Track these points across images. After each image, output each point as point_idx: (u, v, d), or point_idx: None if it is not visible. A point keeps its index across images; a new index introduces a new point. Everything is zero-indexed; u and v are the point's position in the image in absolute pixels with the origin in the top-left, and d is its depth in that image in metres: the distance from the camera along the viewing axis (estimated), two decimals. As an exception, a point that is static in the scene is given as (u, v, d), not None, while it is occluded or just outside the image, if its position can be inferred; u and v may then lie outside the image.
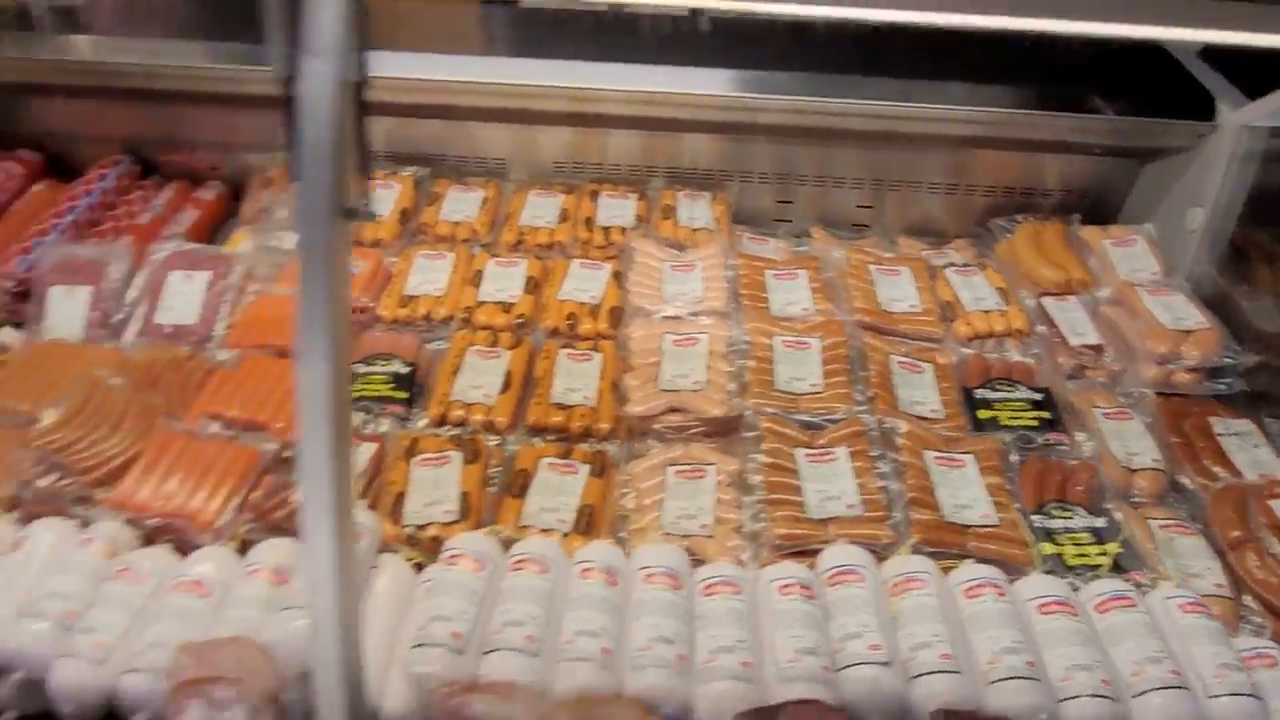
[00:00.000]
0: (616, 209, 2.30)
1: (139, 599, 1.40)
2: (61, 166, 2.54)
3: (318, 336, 1.01)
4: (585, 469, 1.64)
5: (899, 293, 2.03)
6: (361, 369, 1.88)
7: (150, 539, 1.54)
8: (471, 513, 1.55)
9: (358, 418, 1.76)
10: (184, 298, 2.02)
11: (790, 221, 2.51)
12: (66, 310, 2.03)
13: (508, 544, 1.46)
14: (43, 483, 1.60)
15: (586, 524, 1.55)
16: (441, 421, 1.75)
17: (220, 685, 1.24)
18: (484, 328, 1.96)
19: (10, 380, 1.84)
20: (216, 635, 1.33)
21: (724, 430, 1.76)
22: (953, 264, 2.15)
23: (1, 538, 1.50)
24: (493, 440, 1.72)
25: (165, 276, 2.06)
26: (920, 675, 1.25)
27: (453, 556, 1.36)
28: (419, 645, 1.24)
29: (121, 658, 1.33)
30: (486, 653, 1.25)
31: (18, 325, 2.08)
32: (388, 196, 2.28)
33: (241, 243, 2.25)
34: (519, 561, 1.37)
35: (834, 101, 2.34)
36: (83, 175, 2.48)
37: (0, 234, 2.28)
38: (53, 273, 2.07)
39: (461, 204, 2.29)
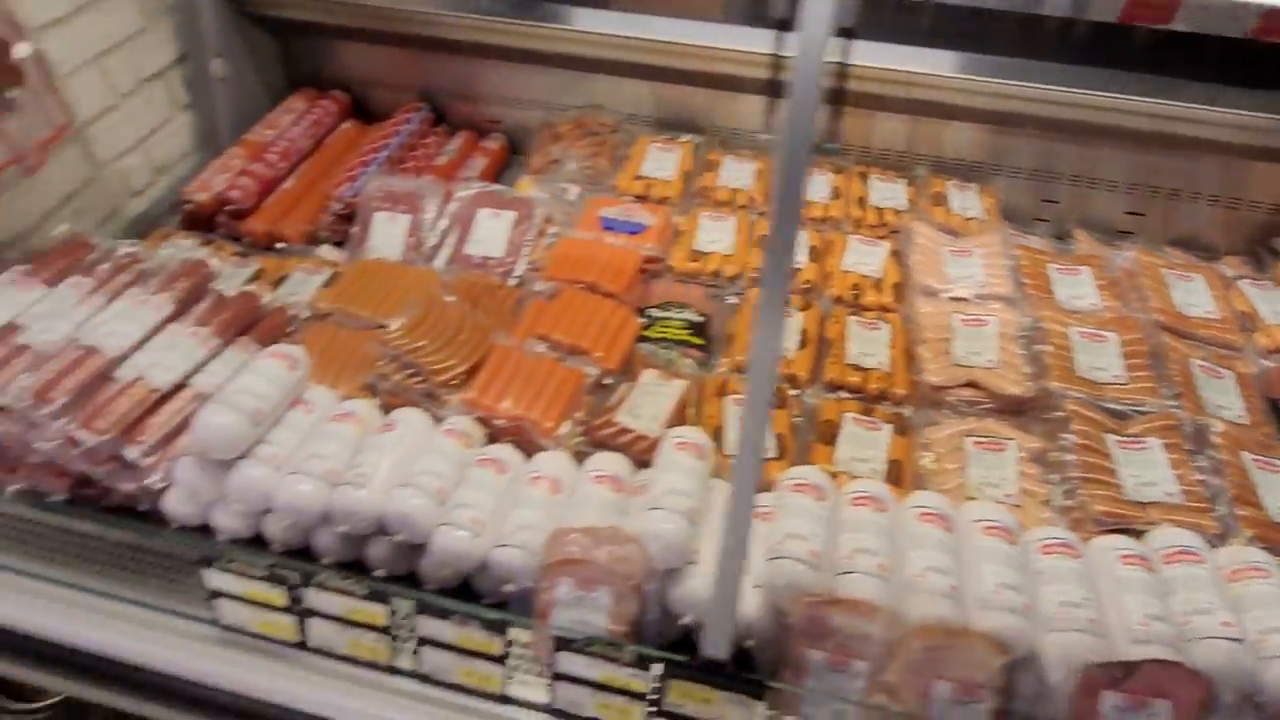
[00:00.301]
0: (887, 191, 2.36)
1: (501, 486, 1.56)
2: (355, 109, 2.80)
3: (783, 255, 1.12)
4: (888, 427, 1.71)
5: (1194, 299, 2.01)
6: (658, 313, 2.01)
7: (494, 438, 1.71)
8: (786, 453, 1.65)
9: (664, 356, 1.89)
10: (491, 232, 2.21)
11: (1048, 221, 2.51)
12: (388, 234, 2.25)
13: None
14: (396, 377, 1.80)
15: (896, 477, 1.62)
16: (743, 368, 1.86)
17: (591, 568, 1.38)
18: (771, 288, 2.05)
19: (348, 290, 2.06)
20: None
21: (1015, 409, 1.80)
22: (1244, 276, 2.11)
23: (372, 419, 1.69)
24: (792, 392, 1.81)
25: (474, 213, 2.25)
26: (1273, 657, 1.26)
27: (797, 485, 1.46)
28: (778, 558, 1.34)
29: (492, 534, 1.49)
30: (840, 574, 1.34)
31: (338, 244, 2.33)
32: (670, 159, 2.41)
33: (528, 190, 2.43)
34: (859, 498, 1.46)
35: (1103, 96, 2.30)
36: (375, 119, 2.75)
37: (319, 164, 2.55)
38: (377, 200, 2.29)
39: (737, 173, 2.40)
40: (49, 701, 1.97)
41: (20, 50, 1.73)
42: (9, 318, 1.73)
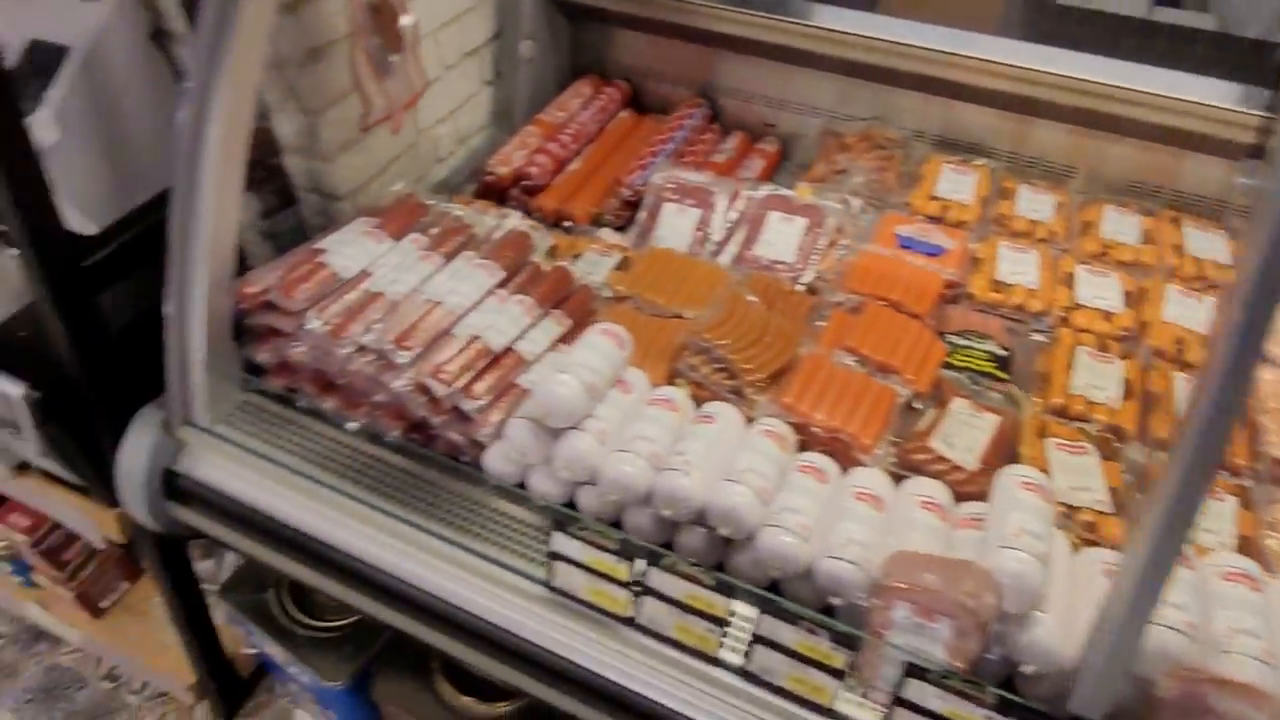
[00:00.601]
0: (1204, 241, 2.20)
1: (824, 495, 1.56)
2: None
3: (1259, 331, 1.04)
4: (1231, 499, 1.59)
5: None
6: (959, 340, 1.95)
7: (804, 445, 1.70)
8: (1121, 509, 1.56)
9: (972, 386, 1.83)
10: (782, 236, 2.20)
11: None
12: (676, 225, 2.28)
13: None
14: (705, 370, 1.82)
15: (1247, 554, 1.50)
16: (1061, 412, 1.77)
17: (937, 598, 1.34)
18: (1083, 330, 1.96)
19: (643, 276, 2.10)
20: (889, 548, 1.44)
21: (1373, 500, 1.63)
22: None
23: (687, 408, 1.72)
24: (1116, 445, 1.71)
25: (764, 214, 2.25)
26: None
27: (1160, 547, 1.37)
28: (1157, 626, 1.26)
29: (819, 542, 1.48)
30: (1221, 652, 1.25)
31: (618, 229, 2.39)
32: (966, 182, 2.34)
33: (806, 197, 2.41)
34: (1232, 573, 1.36)
35: None
36: (647, 110, 2.80)
37: (602, 149, 2.62)
38: (666, 190, 2.33)
39: (1035, 204, 2.30)
40: (342, 621, 2.12)
41: (405, 20, 1.85)
42: (364, 265, 1.86)
